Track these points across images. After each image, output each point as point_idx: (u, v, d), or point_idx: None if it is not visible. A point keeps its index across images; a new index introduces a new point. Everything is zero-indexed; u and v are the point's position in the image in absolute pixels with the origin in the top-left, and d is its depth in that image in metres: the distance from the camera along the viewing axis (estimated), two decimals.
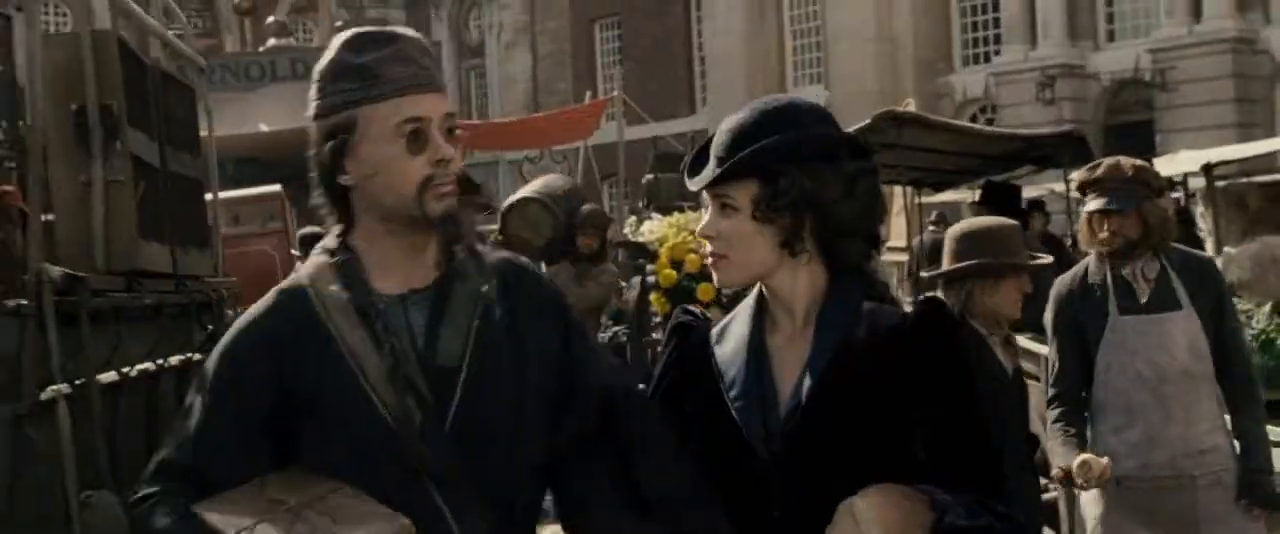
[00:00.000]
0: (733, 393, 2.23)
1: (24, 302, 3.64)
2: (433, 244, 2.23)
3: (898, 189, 14.60)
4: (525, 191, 8.40)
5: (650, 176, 16.16)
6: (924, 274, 4.14)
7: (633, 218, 12.23)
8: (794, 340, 2.24)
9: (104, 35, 4.35)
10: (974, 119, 28.63)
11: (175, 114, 5.40)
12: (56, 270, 3.70)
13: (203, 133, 6.02)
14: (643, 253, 10.64)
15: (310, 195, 2.34)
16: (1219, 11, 26.22)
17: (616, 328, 11.57)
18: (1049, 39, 28.42)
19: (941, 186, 11.95)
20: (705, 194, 2.25)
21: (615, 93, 19.67)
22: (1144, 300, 4.18)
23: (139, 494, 2.19)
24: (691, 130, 30.23)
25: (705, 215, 2.26)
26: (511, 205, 8.20)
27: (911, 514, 2.04)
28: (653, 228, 10.73)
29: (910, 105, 14.57)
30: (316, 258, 2.27)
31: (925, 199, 14.54)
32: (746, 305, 2.31)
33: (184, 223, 5.31)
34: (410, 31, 2.26)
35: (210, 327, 5.93)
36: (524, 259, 2.42)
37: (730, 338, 2.30)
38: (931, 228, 15.10)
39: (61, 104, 4.41)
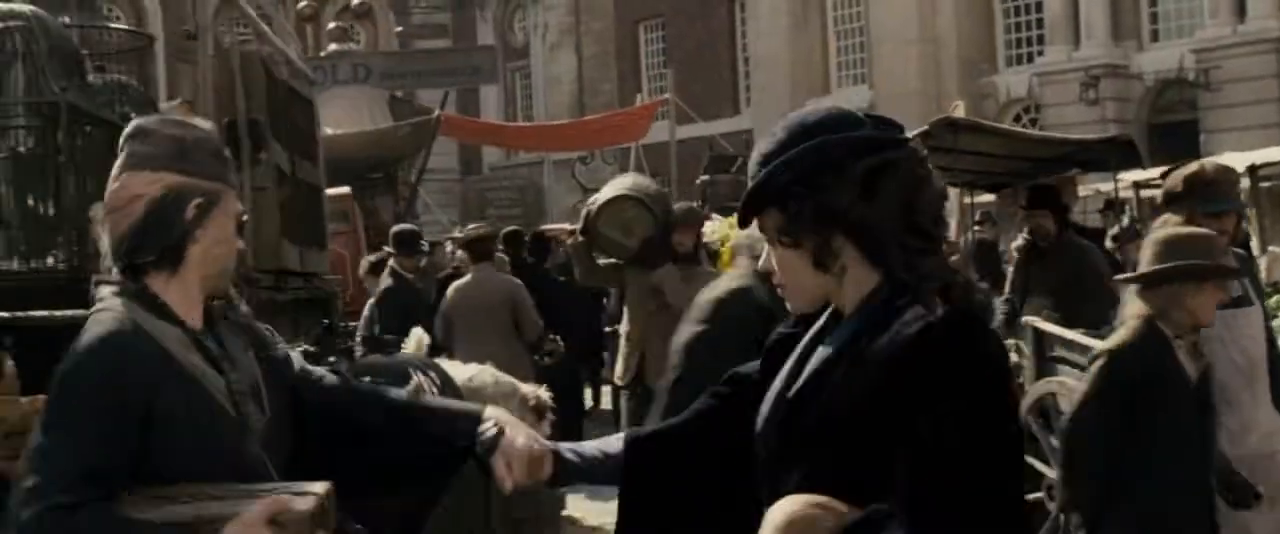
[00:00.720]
0: (769, 391, 2.27)
1: None
2: (204, 301, 2.55)
3: (949, 191, 14.93)
4: (615, 190, 7.71)
5: (706, 177, 16.48)
6: (1121, 278, 4.24)
7: None
8: None
9: (251, 55, 4.80)
10: (1017, 119, 28.83)
11: (299, 125, 5.87)
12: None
13: None
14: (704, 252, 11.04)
15: (373, 195, 2.81)
16: (1263, 11, 26.35)
17: None
18: (1093, 39, 28.58)
19: (994, 189, 12.27)
20: None
21: (667, 95, 20.01)
22: (1235, 295, 4.53)
23: (60, 502, 2.29)
24: (737, 130, 30.57)
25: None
26: (603, 205, 7.55)
27: (809, 528, 2.00)
28: (714, 227, 11.11)
29: (959, 108, 14.89)
30: (112, 301, 2.46)
31: (971, 200, 14.83)
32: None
33: (308, 225, 5.78)
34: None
35: (325, 320, 6.41)
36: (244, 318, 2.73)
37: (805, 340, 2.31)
38: (976, 229, 15.35)
39: (215, 118, 4.87)
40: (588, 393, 13.77)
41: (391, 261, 9.51)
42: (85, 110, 4.59)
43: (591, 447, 2.58)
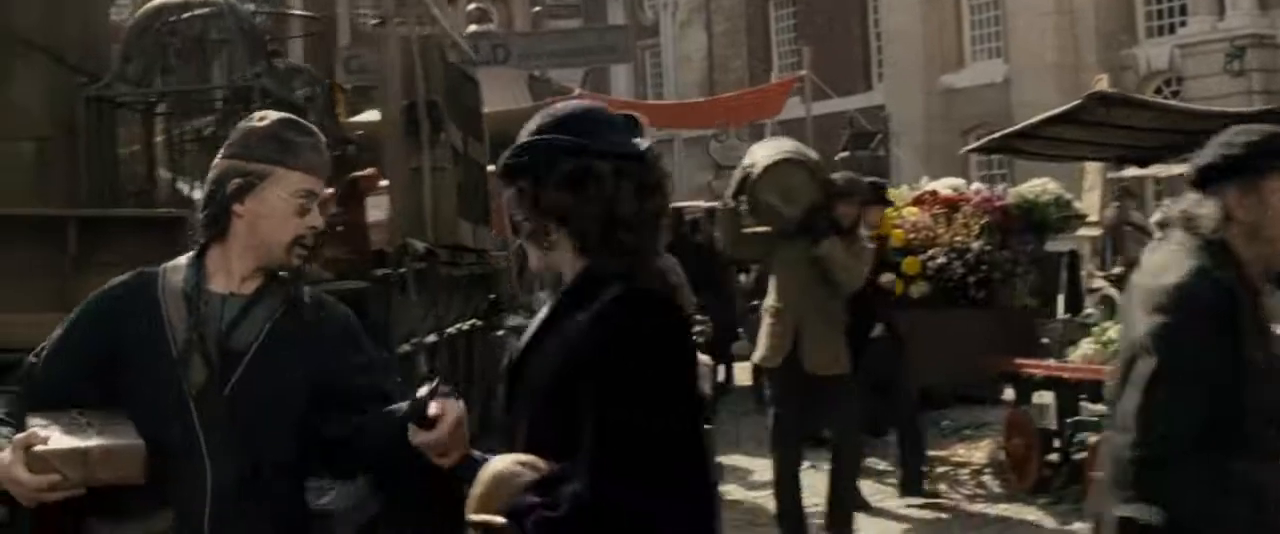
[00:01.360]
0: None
1: (387, 270, 4.29)
2: (265, 272, 2.88)
3: (1090, 166, 14.72)
4: (776, 153, 7.10)
5: (846, 153, 16.40)
6: None
7: None
8: None
9: (429, 39, 4.97)
10: (1158, 92, 28.15)
11: (468, 105, 6.04)
12: (419, 244, 4.32)
13: None
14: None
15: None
16: None
17: None
18: (1238, 9, 27.78)
19: (1144, 163, 12.09)
20: None
21: (803, 72, 19.95)
22: None
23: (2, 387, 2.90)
24: (869, 106, 30.36)
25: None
26: (765, 169, 6.96)
27: (506, 483, 2.26)
28: None
29: (1103, 82, 14.68)
30: (179, 258, 2.93)
31: (1110, 175, 14.60)
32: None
33: (479, 203, 5.96)
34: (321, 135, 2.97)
35: (492, 295, 6.60)
36: (328, 300, 3.03)
37: None
38: (1115, 205, 15.12)
39: (392, 100, 5.06)
40: (721, 370, 13.82)
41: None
42: (275, 93, 4.80)
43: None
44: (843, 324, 7.22)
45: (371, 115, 7.43)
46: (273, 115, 2.96)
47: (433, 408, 2.58)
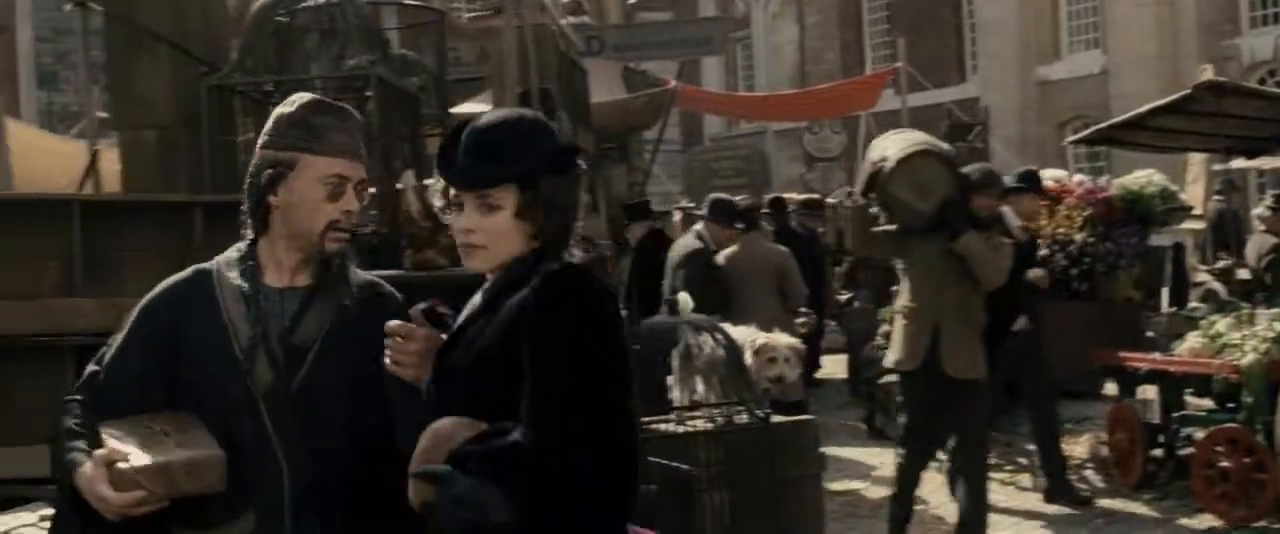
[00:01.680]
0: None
1: None
2: (316, 262, 2.85)
3: (1193, 157, 14.50)
4: (909, 145, 6.71)
5: (947, 146, 16.23)
6: None
7: None
8: None
9: (543, 28, 5.04)
10: (1262, 83, 27.60)
11: (577, 94, 6.11)
12: None
13: None
14: None
15: (607, 165, 3.04)
16: None
17: None
18: None
19: (1252, 154, 11.88)
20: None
21: (899, 63, 19.82)
22: None
23: (67, 397, 2.85)
24: (964, 98, 30.05)
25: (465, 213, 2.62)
26: (899, 162, 6.56)
27: (450, 438, 2.42)
28: None
29: (1208, 72, 14.43)
30: (230, 251, 2.90)
31: (1215, 167, 14.36)
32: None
33: (587, 191, 6.03)
34: (354, 112, 2.94)
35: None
36: (384, 286, 3.00)
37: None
38: (1217, 197, 14.87)
39: (506, 87, 5.14)
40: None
41: (698, 226, 9.40)
42: (389, 81, 4.88)
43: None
44: (981, 324, 6.82)
45: (469, 107, 7.54)
46: (302, 98, 2.91)
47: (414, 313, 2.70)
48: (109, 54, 5.59)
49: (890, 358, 7.06)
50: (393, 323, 2.69)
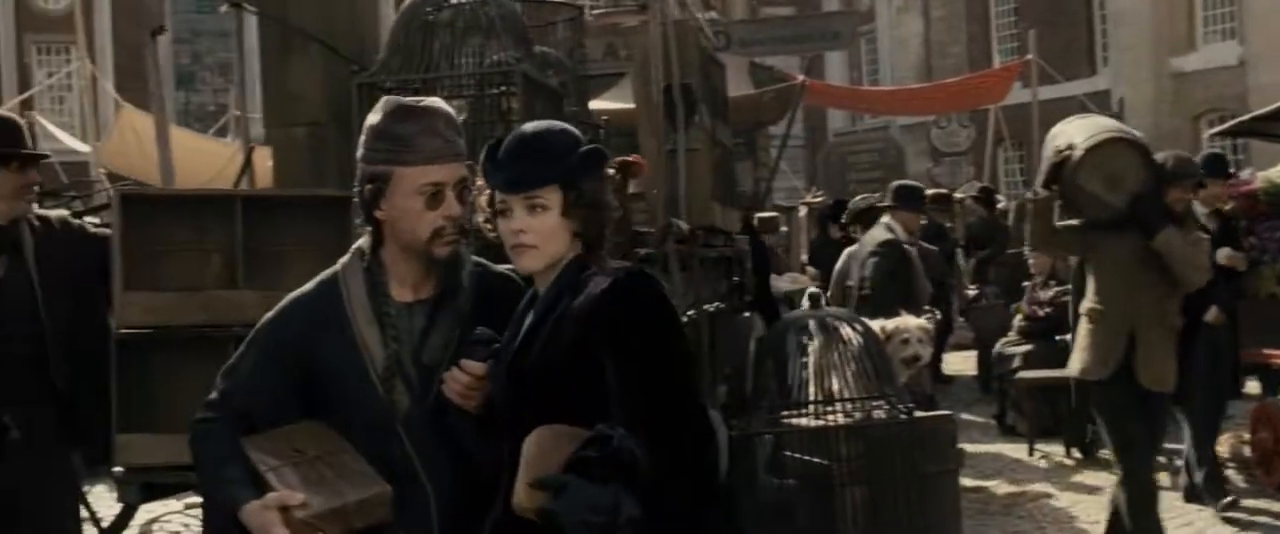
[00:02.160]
0: (500, 348, 2.78)
1: (650, 250, 4.40)
2: (435, 269, 2.85)
3: None
4: (1098, 132, 6.14)
5: (1138, 133, 15.90)
6: None
7: None
8: None
9: (684, 23, 5.09)
10: None
11: (716, 88, 6.14)
12: (683, 224, 4.44)
13: None
14: None
15: (733, 159, 3.06)
16: None
17: (1059, 288, 11.68)
18: None
19: None
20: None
21: (1030, 56, 19.51)
22: None
23: (200, 416, 2.86)
24: (1094, 91, 29.47)
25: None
26: (1088, 151, 5.99)
27: (556, 446, 2.49)
28: None
29: None
30: (350, 258, 2.91)
31: None
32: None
33: (727, 185, 6.06)
34: (442, 106, 2.91)
35: (735, 278, 6.68)
36: (503, 272, 2.99)
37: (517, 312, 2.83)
38: None
39: (647, 82, 5.19)
40: None
41: (885, 218, 9.12)
42: (535, 78, 4.95)
43: None
44: (1177, 329, 6.30)
45: (603, 103, 7.62)
46: (386, 105, 2.88)
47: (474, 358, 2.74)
48: (263, 54, 5.76)
49: (1074, 365, 6.40)
50: (456, 374, 2.74)
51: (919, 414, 5.59)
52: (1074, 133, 6.20)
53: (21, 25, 34.87)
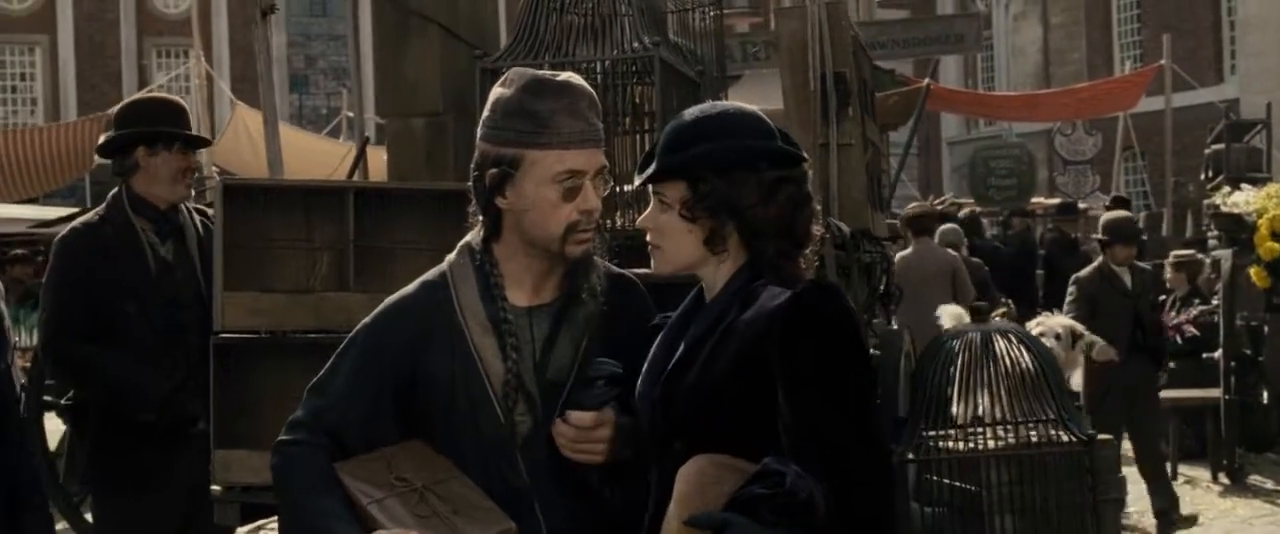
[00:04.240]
0: (644, 367, 2.42)
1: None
2: (560, 269, 2.46)
3: None
4: None
5: (1219, 146, 15.26)
6: None
7: (1225, 188, 11.61)
8: None
9: (836, 6, 4.65)
10: None
11: (866, 81, 5.68)
12: (844, 226, 4.00)
13: None
14: (1238, 225, 10.18)
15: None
16: None
17: (1203, 307, 11.13)
18: None
19: None
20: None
21: (1162, 61, 18.80)
22: None
23: (284, 437, 2.47)
24: (1222, 99, 28.48)
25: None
26: None
27: (717, 480, 2.19)
28: (1249, 199, 10.23)
29: None
30: (458, 256, 2.50)
31: None
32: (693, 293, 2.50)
33: (876, 186, 5.61)
34: (583, 85, 2.45)
35: (880, 286, 6.21)
36: (631, 276, 2.62)
37: (671, 321, 2.49)
38: None
39: (797, 71, 4.75)
40: None
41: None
42: (673, 66, 4.56)
43: None
44: None
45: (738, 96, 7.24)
46: (519, 77, 2.47)
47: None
48: (378, 40, 5.42)
49: None
50: (563, 428, 2.39)
51: (1075, 437, 5.12)
52: None
53: (142, 29, 36.13)
